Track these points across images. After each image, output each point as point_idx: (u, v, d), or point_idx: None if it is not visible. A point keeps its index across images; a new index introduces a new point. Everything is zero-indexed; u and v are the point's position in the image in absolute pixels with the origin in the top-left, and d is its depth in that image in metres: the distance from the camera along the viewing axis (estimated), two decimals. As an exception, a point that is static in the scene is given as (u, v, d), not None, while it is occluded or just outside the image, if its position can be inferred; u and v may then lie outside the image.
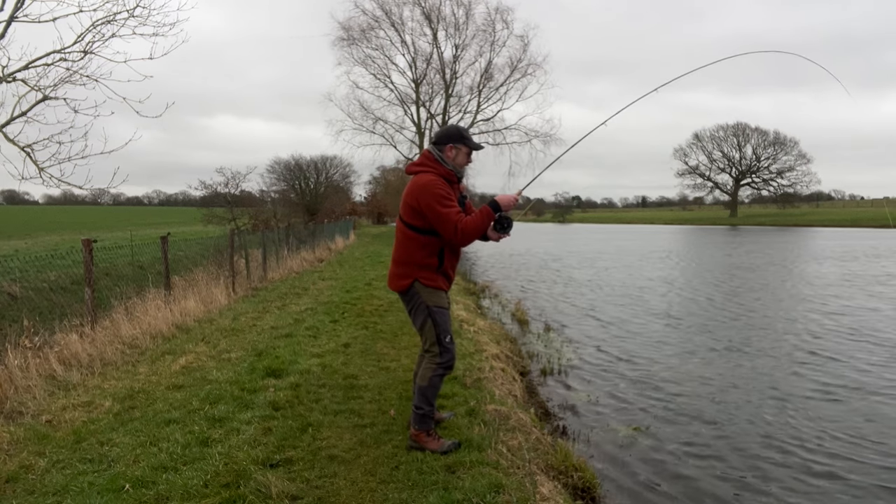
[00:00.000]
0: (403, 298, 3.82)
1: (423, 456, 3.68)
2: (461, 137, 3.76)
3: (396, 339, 7.15)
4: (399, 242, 3.77)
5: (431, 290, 3.70)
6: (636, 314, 11.90)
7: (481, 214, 3.63)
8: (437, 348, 3.71)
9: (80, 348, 6.01)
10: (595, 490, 4.18)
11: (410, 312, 3.81)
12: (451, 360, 3.76)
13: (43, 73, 6.35)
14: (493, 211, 3.64)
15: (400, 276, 3.75)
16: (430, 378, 3.71)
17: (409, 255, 3.70)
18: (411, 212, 3.64)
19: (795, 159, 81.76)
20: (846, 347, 8.85)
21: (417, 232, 3.65)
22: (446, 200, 3.55)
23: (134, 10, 6.55)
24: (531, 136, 40.25)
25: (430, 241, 3.66)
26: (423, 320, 3.72)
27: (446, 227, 3.54)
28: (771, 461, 4.98)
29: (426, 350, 3.77)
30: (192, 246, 13.41)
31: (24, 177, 6.28)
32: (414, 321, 3.81)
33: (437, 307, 3.71)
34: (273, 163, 40.96)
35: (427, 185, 3.58)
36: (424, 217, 3.59)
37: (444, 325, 3.73)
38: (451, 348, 3.74)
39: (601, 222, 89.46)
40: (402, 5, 39.00)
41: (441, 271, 3.74)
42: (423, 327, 3.74)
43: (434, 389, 3.76)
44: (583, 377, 7.47)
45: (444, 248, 3.70)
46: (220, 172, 25.45)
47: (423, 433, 3.78)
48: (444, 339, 3.71)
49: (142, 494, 3.20)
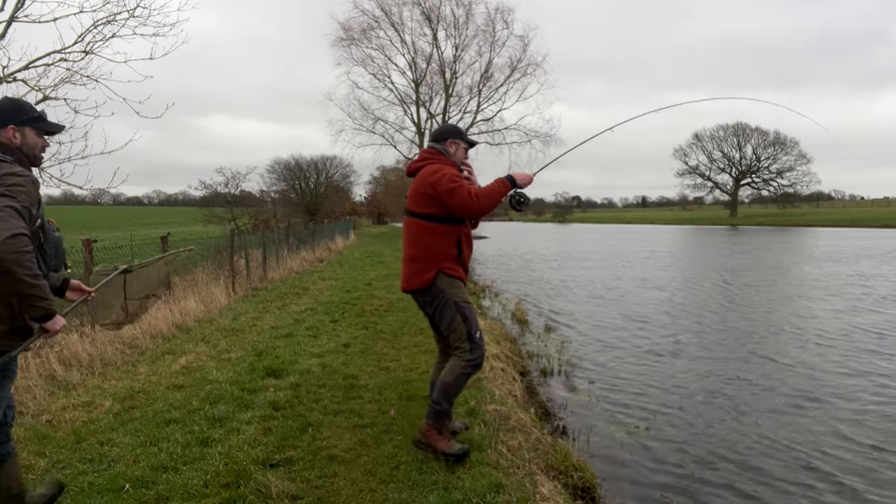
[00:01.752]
0: (424, 297, 3.65)
1: (424, 456, 3.67)
2: (459, 133, 3.83)
3: (396, 339, 7.15)
4: (414, 237, 3.65)
5: (454, 280, 3.59)
6: (636, 314, 11.90)
7: (496, 183, 3.58)
8: (467, 344, 3.56)
9: (80, 348, 6.01)
10: (595, 490, 4.18)
11: (434, 312, 3.65)
12: (481, 357, 3.61)
13: (43, 73, 6.37)
14: (510, 185, 3.58)
15: (419, 270, 3.59)
16: (458, 376, 3.57)
17: (429, 246, 3.58)
18: (426, 200, 3.56)
19: (795, 159, 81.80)
20: (847, 348, 8.85)
21: (436, 221, 3.56)
22: (458, 178, 3.57)
23: (134, 11, 6.58)
24: (531, 137, 40.31)
25: (449, 230, 3.58)
26: (451, 317, 3.58)
27: (461, 195, 3.45)
28: (771, 461, 4.98)
29: (455, 348, 3.61)
30: (192, 246, 13.39)
31: (24, 177, 6.27)
32: (440, 320, 3.64)
33: (464, 302, 3.60)
34: (273, 163, 41.01)
35: (439, 169, 3.58)
36: (441, 202, 3.51)
37: (474, 320, 3.60)
38: (481, 344, 3.61)
39: (601, 222, 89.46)
40: (402, 5, 39.07)
41: (461, 262, 3.65)
42: (451, 324, 3.59)
43: (458, 388, 3.63)
44: (583, 377, 7.47)
45: (461, 237, 3.62)
46: (220, 172, 25.47)
47: (435, 430, 3.63)
48: (475, 335, 3.57)
49: (142, 494, 3.20)
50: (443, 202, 3.50)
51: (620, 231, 59.76)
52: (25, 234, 2.35)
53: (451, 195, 3.46)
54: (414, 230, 3.65)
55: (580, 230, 63.59)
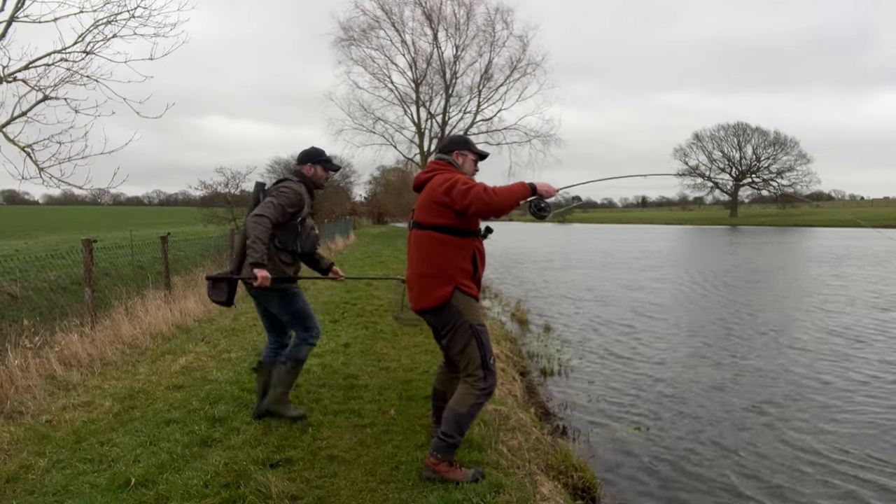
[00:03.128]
0: (437, 318, 3.41)
1: (424, 456, 3.67)
2: (466, 144, 3.67)
3: (396, 339, 7.15)
4: (425, 252, 3.40)
5: (470, 299, 3.39)
6: (636, 315, 11.91)
7: (516, 185, 3.36)
8: (481, 371, 3.34)
9: (80, 348, 6.01)
10: (595, 490, 4.18)
11: (447, 333, 3.41)
12: (494, 385, 3.40)
13: (43, 73, 6.36)
14: (531, 191, 3.36)
15: (435, 286, 3.34)
16: (471, 406, 3.33)
17: (445, 261, 3.35)
18: (440, 210, 3.34)
19: (795, 159, 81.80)
20: (849, 349, 8.86)
21: (450, 233, 3.35)
22: (471, 180, 3.40)
23: (135, 11, 6.56)
24: (531, 136, 40.41)
25: (464, 244, 3.39)
26: (465, 342, 3.35)
27: (477, 192, 3.23)
28: (771, 461, 4.98)
29: (467, 374, 3.37)
30: (192, 246, 13.41)
31: (24, 177, 6.29)
32: (452, 344, 3.40)
33: (480, 325, 3.38)
34: (273, 163, 41.03)
35: (451, 177, 3.39)
36: (455, 207, 3.29)
37: (489, 346, 3.39)
38: (495, 370, 3.40)
39: (601, 222, 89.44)
40: (403, 5, 39.15)
41: (476, 279, 3.46)
42: (465, 349, 3.36)
43: (471, 419, 3.38)
44: (583, 377, 7.48)
45: (475, 252, 3.44)
46: (220, 172, 25.42)
47: (446, 462, 3.37)
48: (489, 362, 3.36)
49: (142, 494, 3.20)
50: (458, 206, 3.28)
51: (622, 231, 59.71)
52: (267, 217, 3.92)
53: (467, 194, 3.24)
54: (425, 244, 3.41)
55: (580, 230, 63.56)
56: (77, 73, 6.44)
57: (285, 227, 4.10)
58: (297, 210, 4.12)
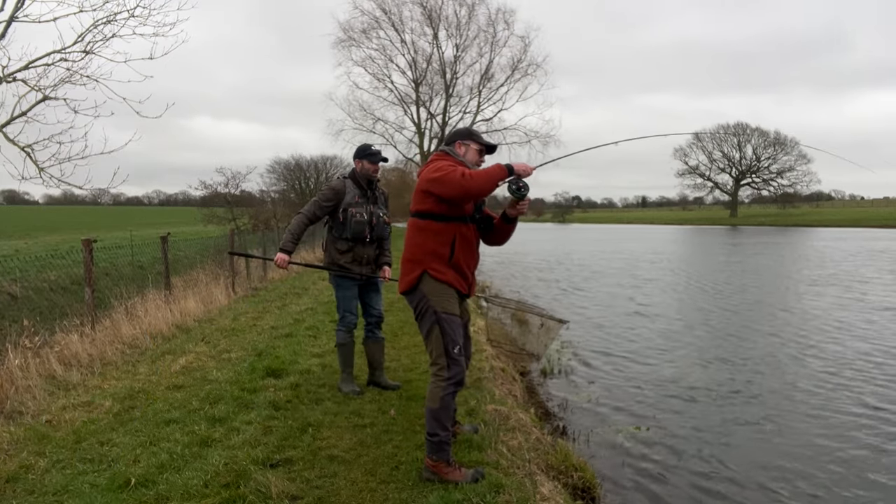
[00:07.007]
0: (410, 300, 3.48)
1: (424, 456, 3.66)
2: (469, 134, 3.69)
3: (396, 339, 7.15)
4: (408, 237, 3.50)
5: (440, 285, 3.37)
6: (636, 315, 11.91)
7: (492, 167, 3.36)
8: (443, 360, 3.33)
9: (80, 348, 6.01)
10: (595, 490, 4.18)
11: (417, 317, 3.48)
12: (460, 374, 3.37)
13: (43, 73, 6.36)
14: (508, 172, 3.34)
15: (408, 270, 3.44)
16: (441, 398, 3.31)
17: (420, 245, 3.41)
18: (423, 197, 3.40)
19: (795, 159, 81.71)
20: (850, 349, 8.85)
21: (432, 219, 3.39)
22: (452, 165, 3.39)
23: (134, 10, 6.56)
24: (531, 137, 40.36)
25: (443, 228, 3.39)
26: (429, 327, 3.38)
27: (452, 176, 3.25)
28: (771, 461, 4.98)
29: (432, 363, 3.42)
30: (192, 246, 13.42)
31: (24, 177, 6.29)
32: (420, 328, 3.48)
33: (446, 313, 3.36)
34: (273, 163, 41.11)
35: (434, 164, 3.43)
36: (434, 192, 3.32)
37: (453, 335, 3.36)
38: (459, 360, 3.37)
39: (601, 222, 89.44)
40: (402, 5, 39.08)
41: (452, 264, 3.41)
42: (428, 335, 3.39)
43: (447, 411, 3.35)
44: (583, 377, 7.48)
45: (456, 237, 3.41)
46: (220, 172, 25.43)
47: (443, 463, 3.35)
48: (451, 350, 3.34)
49: (142, 494, 3.20)
50: (436, 191, 3.31)
51: (622, 231, 59.70)
52: (303, 213, 4.79)
53: (443, 179, 3.26)
54: (409, 230, 3.51)
55: (580, 230, 63.56)
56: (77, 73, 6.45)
57: (335, 219, 4.77)
58: (335, 203, 4.73)
